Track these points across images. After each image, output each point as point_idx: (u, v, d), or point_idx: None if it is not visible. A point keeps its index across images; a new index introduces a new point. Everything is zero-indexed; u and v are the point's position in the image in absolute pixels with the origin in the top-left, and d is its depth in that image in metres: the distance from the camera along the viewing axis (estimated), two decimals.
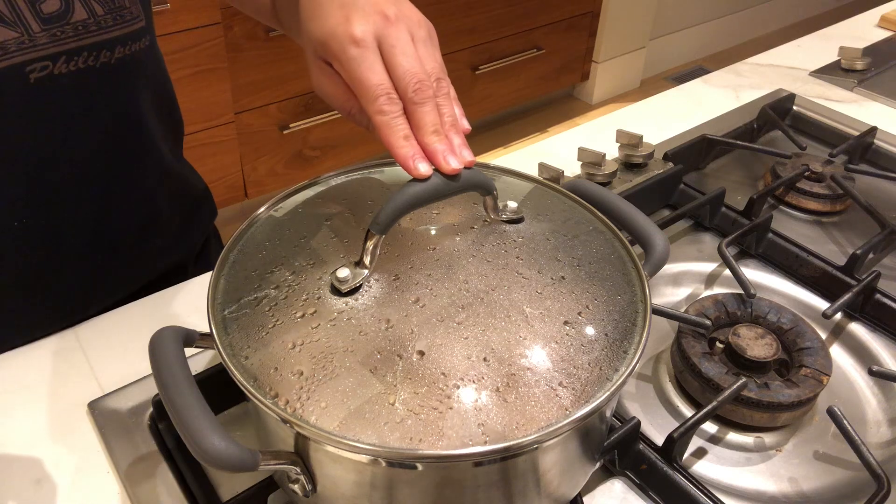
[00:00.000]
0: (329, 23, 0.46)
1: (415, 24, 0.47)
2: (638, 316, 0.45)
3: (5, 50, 0.52)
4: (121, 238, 0.67)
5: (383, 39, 0.45)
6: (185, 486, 0.51)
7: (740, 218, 0.77)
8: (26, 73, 0.53)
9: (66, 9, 0.54)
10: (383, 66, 0.45)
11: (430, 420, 0.38)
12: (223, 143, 1.83)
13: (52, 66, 0.54)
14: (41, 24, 0.53)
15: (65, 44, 0.54)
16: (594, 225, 0.52)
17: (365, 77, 0.44)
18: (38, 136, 0.57)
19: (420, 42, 0.46)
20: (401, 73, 0.44)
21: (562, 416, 0.39)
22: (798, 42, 1.16)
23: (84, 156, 0.60)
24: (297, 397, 0.39)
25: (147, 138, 0.66)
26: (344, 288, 0.43)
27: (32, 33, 0.53)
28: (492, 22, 2.22)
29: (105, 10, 0.56)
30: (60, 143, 0.58)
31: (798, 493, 0.54)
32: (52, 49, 0.54)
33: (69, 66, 0.55)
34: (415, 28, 0.47)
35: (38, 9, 0.53)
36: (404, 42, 0.45)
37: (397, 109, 0.44)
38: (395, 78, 0.44)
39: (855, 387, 0.63)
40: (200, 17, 1.65)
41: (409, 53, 0.45)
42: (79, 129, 0.59)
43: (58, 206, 0.60)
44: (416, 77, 0.44)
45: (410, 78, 0.44)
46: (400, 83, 0.44)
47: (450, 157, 0.44)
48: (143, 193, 0.68)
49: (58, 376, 0.59)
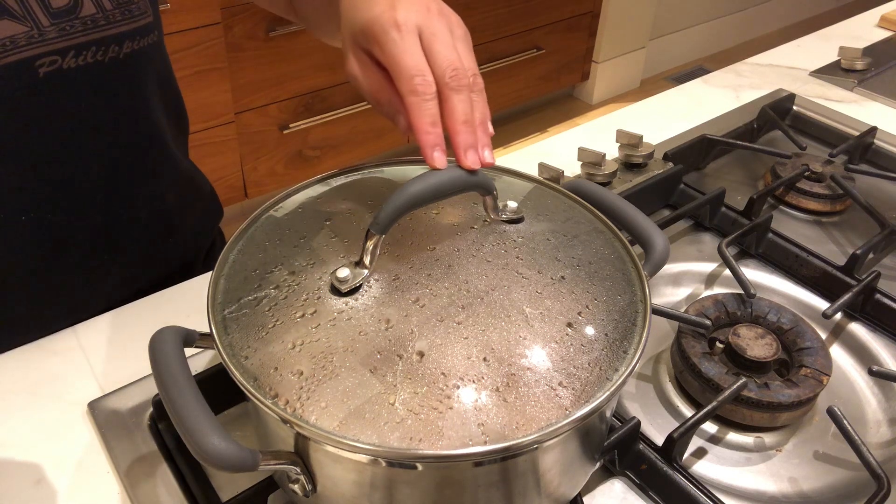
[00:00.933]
0: (374, 10, 0.46)
1: (454, 23, 0.48)
2: (638, 316, 0.45)
3: (15, 44, 0.52)
4: (128, 235, 0.67)
5: (424, 28, 0.46)
6: (185, 486, 0.51)
7: (740, 218, 0.77)
8: (35, 67, 0.54)
9: (74, 3, 0.54)
10: (422, 52, 0.45)
11: (430, 420, 0.38)
12: (223, 143, 1.83)
13: (60, 61, 0.55)
14: (50, 19, 0.53)
15: (73, 38, 0.55)
16: (594, 225, 0.52)
17: (402, 58, 0.45)
18: (46, 130, 0.57)
19: (458, 39, 0.47)
20: (439, 60, 0.45)
21: (562, 416, 0.39)
22: (798, 42, 1.16)
23: (92, 150, 0.60)
24: (297, 397, 0.39)
25: (155, 134, 0.66)
26: (344, 288, 0.43)
27: (42, 27, 0.53)
28: (492, 22, 2.22)
29: (113, 5, 0.57)
30: (69, 138, 0.58)
31: (798, 493, 0.54)
32: (61, 43, 0.54)
33: (78, 61, 0.56)
34: (454, 26, 0.48)
35: (47, 3, 0.54)
36: (444, 33, 0.46)
37: (430, 92, 0.45)
38: (433, 64, 0.45)
39: (855, 387, 0.63)
40: (200, 17, 1.65)
41: (448, 44, 0.46)
42: (87, 124, 0.59)
43: (65, 200, 0.60)
44: (453, 64, 0.45)
45: (448, 64, 0.45)
46: (437, 69, 0.45)
47: (471, 153, 0.45)
48: (151, 189, 0.68)
49: (58, 376, 0.59)
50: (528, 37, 2.35)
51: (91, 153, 0.60)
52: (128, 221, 0.66)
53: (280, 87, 1.87)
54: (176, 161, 0.70)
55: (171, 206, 0.70)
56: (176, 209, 0.71)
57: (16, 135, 0.56)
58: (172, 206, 0.71)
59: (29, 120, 0.56)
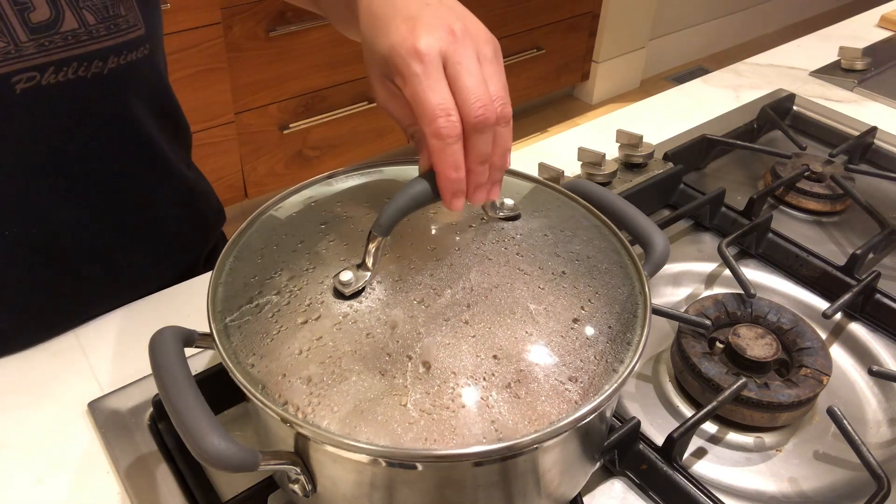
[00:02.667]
0: (393, 37, 0.43)
1: (482, 41, 0.44)
2: (638, 307, 0.46)
3: None
4: (118, 246, 0.65)
5: (449, 56, 0.43)
6: (185, 486, 0.51)
7: (740, 218, 0.77)
8: (12, 83, 0.52)
9: (55, 18, 0.52)
10: (446, 84, 0.42)
11: (443, 419, 0.38)
12: (223, 143, 1.83)
13: (39, 77, 0.53)
14: (28, 34, 0.52)
15: (53, 54, 0.53)
16: (590, 220, 0.52)
17: (426, 96, 0.42)
18: (25, 146, 0.56)
19: (486, 61, 0.44)
20: (466, 96, 0.42)
21: (573, 409, 0.39)
22: (798, 42, 1.16)
23: (77, 166, 0.59)
24: (308, 403, 0.39)
25: (146, 146, 0.65)
26: (347, 291, 0.43)
27: (19, 42, 0.51)
28: (492, 22, 2.21)
29: (97, 20, 0.55)
30: (51, 154, 0.57)
31: (798, 493, 0.54)
32: (39, 59, 0.52)
33: (58, 77, 0.54)
34: (481, 45, 0.44)
35: (26, 17, 0.52)
36: (470, 60, 0.43)
37: (455, 135, 0.42)
38: (460, 100, 0.42)
39: (855, 387, 0.63)
40: (200, 17, 1.65)
41: (475, 73, 0.43)
42: (69, 140, 0.58)
43: (51, 214, 0.59)
44: (480, 101, 0.42)
45: (475, 101, 0.42)
46: (464, 106, 0.42)
47: (478, 193, 0.44)
48: (146, 204, 0.67)
49: (58, 376, 0.59)
50: (528, 37, 2.35)
51: (75, 168, 0.59)
52: (123, 237, 0.65)
53: (280, 87, 1.87)
54: (173, 173, 0.69)
55: (170, 219, 0.69)
56: (174, 222, 0.70)
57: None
58: (170, 219, 0.70)
59: (6, 136, 0.54)
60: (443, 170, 0.43)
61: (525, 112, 2.62)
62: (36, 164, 0.57)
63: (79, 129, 0.58)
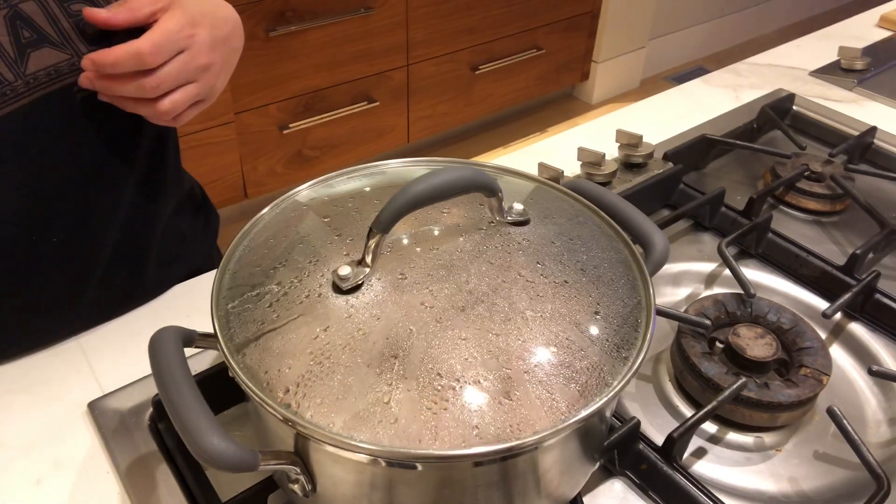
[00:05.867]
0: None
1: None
2: (640, 323, 0.45)
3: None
4: (97, 261, 0.63)
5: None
6: (185, 486, 0.51)
7: (740, 218, 0.77)
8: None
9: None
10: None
11: (423, 420, 0.38)
12: (223, 143, 1.83)
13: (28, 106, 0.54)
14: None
15: (38, 91, 0.55)
16: (600, 228, 0.52)
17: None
18: (21, 159, 0.56)
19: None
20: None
21: (557, 420, 0.39)
22: (798, 42, 1.16)
23: (52, 181, 0.58)
24: (294, 393, 0.39)
25: (113, 161, 0.62)
26: (345, 286, 0.43)
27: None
28: (492, 22, 2.22)
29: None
30: (46, 166, 0.57)
31: (798, 493, 0.54)
32: (26, 99, 0.54)
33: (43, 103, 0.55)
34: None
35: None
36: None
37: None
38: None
39: (855, 387, 0.63)
40: None
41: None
42: (61, 152, 0.58)
43: (31, 226, 0.58)
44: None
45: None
46: None
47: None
48: (124, 214, 0.64)
49: (58, 376, 0.59)
50: (528, 37, 2.35)
51: (50, 185, 0.58)
52: (100, 247, 0.63)
53: (280, 87, 1.87)
54: (152, 177, 0.66)
55: (155, 224, 0.68)
56: (171, 225, 0.70)
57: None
58: (156, 224, 0.68)
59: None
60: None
61: (525, 112, 2.62)
62: (24, 177, 0.56)
63: (65, 143, 0.58)
